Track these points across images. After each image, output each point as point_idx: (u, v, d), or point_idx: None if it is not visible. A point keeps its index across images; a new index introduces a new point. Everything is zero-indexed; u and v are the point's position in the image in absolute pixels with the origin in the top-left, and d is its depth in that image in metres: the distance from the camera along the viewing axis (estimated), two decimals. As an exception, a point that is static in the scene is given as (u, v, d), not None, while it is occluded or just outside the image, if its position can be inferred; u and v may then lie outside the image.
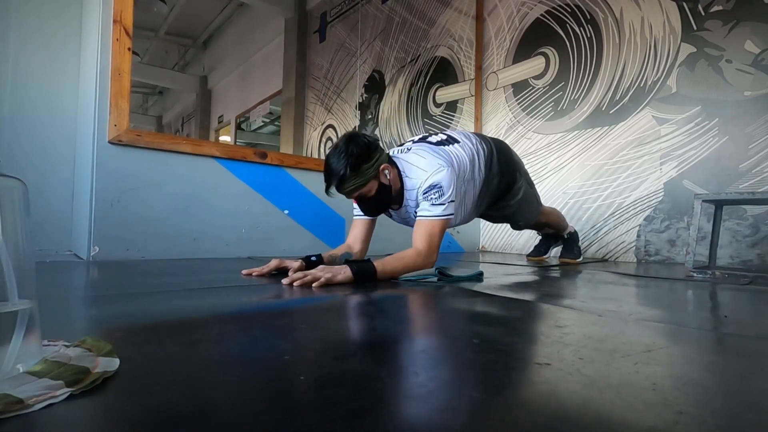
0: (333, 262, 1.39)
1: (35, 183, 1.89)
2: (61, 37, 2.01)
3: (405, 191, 1.41)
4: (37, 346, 0.42)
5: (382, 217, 1.55)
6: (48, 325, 0.54)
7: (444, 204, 1.32)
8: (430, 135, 1.58)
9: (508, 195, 1.73)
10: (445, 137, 1.55)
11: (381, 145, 1.37)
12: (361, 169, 1.27)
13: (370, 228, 1.55)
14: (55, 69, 1.99)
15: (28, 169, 1.88)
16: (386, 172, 1.35)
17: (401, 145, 1.56)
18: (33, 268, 0.42)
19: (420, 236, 1.31)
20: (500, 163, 1.64)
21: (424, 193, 1.34)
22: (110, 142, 1.64)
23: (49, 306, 0.75)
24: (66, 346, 0.47)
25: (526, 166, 1.91)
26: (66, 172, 1.99)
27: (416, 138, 1.59)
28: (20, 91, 1.91)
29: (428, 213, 1.33)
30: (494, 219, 1.93)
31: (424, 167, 1.36)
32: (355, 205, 1.52)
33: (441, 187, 1.32)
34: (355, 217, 1.55)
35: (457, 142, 1.53)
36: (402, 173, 1.40)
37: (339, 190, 1.30)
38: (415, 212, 1.38)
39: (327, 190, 1.32)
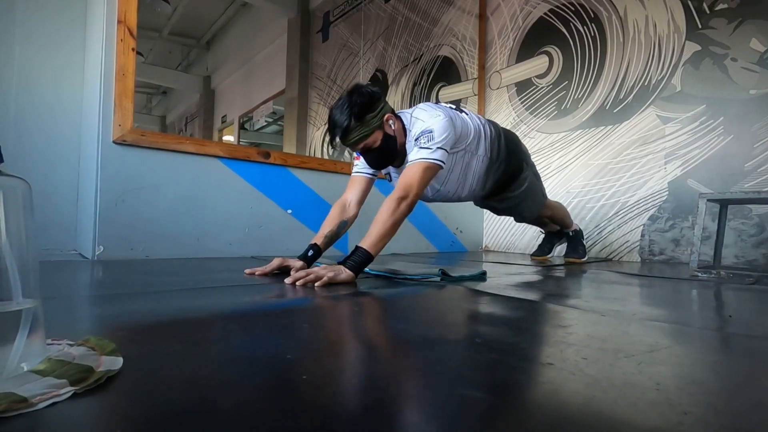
0: (332, 239, 1.38)
1: (40, 183, 1.89)
2: (65, 38, 2.02)
3: (407, 144, 1.39)
4: (40, 345, 0.42)
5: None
6: (52, 324, 0.55)
7: (431, 148, 1.28)
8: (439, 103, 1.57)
9: (514, 184, 1.72)
10: (454, 106, 1.54)
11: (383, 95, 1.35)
12: (366, 119, 1.26)
13: (368, 188, 1.52)
14: (60, 69, 2.00)
15: (32, 169, 1.89)
16: (390, 122, 1.33)
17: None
18: (37, 267, 0.42)
19: (400, 180, 1.26)
20: (507, 149, 1.63)
21: (415, 139, 1.31)
22: (115, 142, 1.65)
23: (53, 305, 0.76)
24: (70, 344, 0.47)
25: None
26: (70, 171, 2.00)
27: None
28: (25, 91, 1.91)
29: (414, 156, 1.29)
30: (498, 211, 1.92)
31: (423, 118, 1.34)
32: (356, 162, 1.50)
33: (432, 131, 1.29)
34: (354, 174, 1.52)
35: (466, 113, 1.53)
36: (405, 128, 1.39)
37: (343, 141, 1.28)
38: None
39: (331, 142, 1.29)
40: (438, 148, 1.29)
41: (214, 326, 0.66)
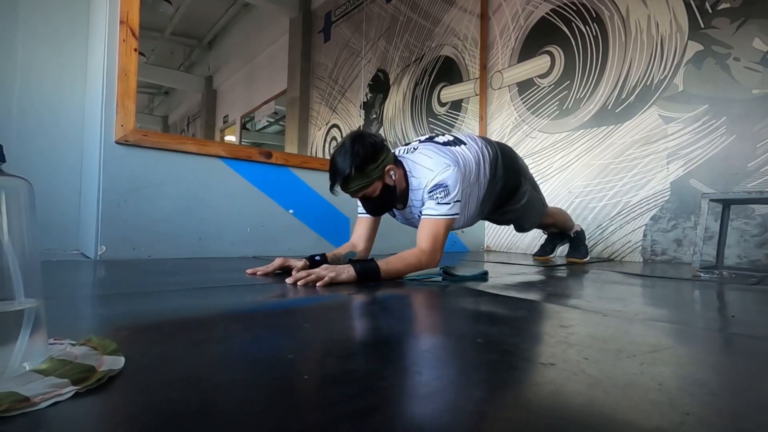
0: (337, 261, 1.39)
1: (42, 183, 1.90)
2: (68, 38, 2.02)
3: (410, 191, 1.41)
4: (43, 345, 0.42)
5: (386, 216, 1.55)
6: (54, 323, 0.55)
7: (449, 203, 1.32)
8: (437, 135, 1.58)
9: (513, 199, 1.73)
10: (451, 138, 1.54)
11: (387, 144, 1.37)
12: (367, 170, 1.27)
13: (375, 226, 1.55)
14: (62, 70, 2.01)
15: (35, 169, 1.90)
16: (392, 172, 1.34)
17: (407, 144, 1.56)
18: (39, 267, 0.42)
19: (424, 235, 1.31)
20: (505, 167, 1.63)
21: (429, 192, 1.34)
22: (117, 142, 1.65)
23: (56, 305, 0.76)
24: (72, 344, 0.47)
25: (531, 168, 1.90)
26: (73, 171, 2.01)
27: (423, 138, 1.59)
28: (28, 91, 1.92)
29: (433, 212, 1.33)
30: (500, 222, 1.93)
31: (430, 167, 1.36)
32: (360, 203, 1.52)
33: (447, 186, 1.32)
34: (359, 215, 1.55)
35: (464, 143, 1.53)
36: (408, 173, 1.40)
37: (343, 189, 1.30)
38: (420, 212, 1.38)
39: (332, 189, 1.31)
40: (455, 202, 1.33)
41: (215, 326, 0.66)
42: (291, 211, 2.14)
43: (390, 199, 1.38)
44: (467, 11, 3.42)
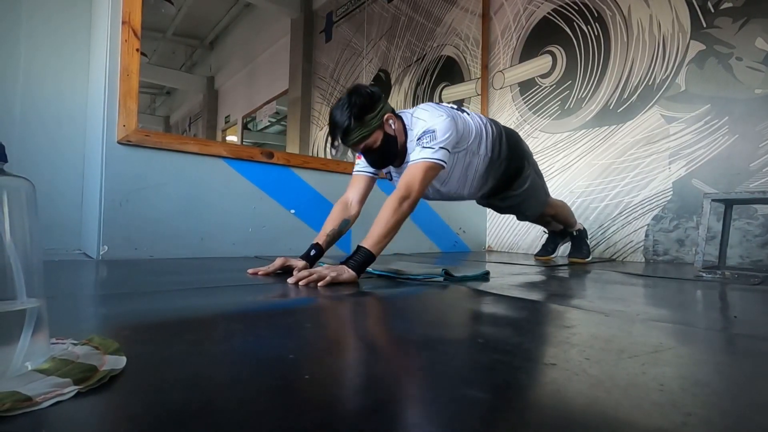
0: (334, 238, 1.38)
1: (45, 183, 1.91)
2: (70, 39, 2.03)
3: (408, 143, 1.39)
4: (45, 344, 0.42)
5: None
6: (56, 323, 0.55)
7: (433, 148, 1.28)
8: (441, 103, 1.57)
9: (516, 183, 1.71)
10: (455, 106, 1.54)
11: (383, 95, 1.35)
12: (366, 119, 1.26)
13: (370, 186, 1.53)
14: (65, 70, 2.01)
15: (37, 169, 1.90)
16: (390, 122, 1.34)
17: None
18: (41, 267, 0.42)
19: (402, 179, 1.27)
20: (509, 147, 1.62)
21: (417, 139, 1.32)
22: (119, 143, 1.66)
23: (58, 304, 0.76)
24: (74, 344, 0.48)
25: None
26: (75, 172, 2.01)
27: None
28: (30, 92, 1.93)
29: (416, 156, 1.30)
30: (501, 209, 1.92)
31: (425, 118, 1.35)
32: (357, 161, 1.51)
33: (434, 131, 1.30)
34: (355, 173, 1.52)
35: (467, 113, 1.53)
36: (407, 128, 1.39)
37: (344, 141, 1.29)
38: None
39: (332, 144, 1.30)
40: (440, 147, 1.30)
41: (217, 326, 0.66)
42: (292, 211, 2.15)
43: (392, 149, 1.37)
44: (469, 11, 3.41)
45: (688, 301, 1.08)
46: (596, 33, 2.57)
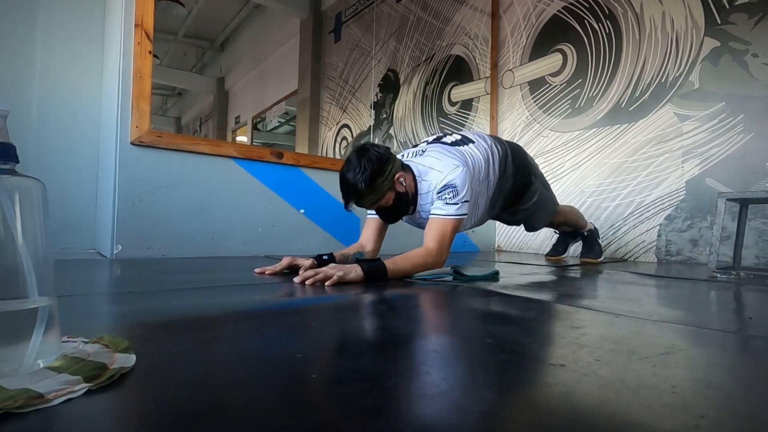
0: (345, 260, 1.39)
1: (61, 183, 1.94)
2: (84, 42, 2.06)
3: (419, 195, 1.41)
4: (56, 342, 0.43)
5: None
6: (68, 321, 0.56)
7: (458, 204, 1.32)
8: (445, 135, 1.57)
9: (524, 198, 1.71)
10: (459, 137, 1.54)
11: (393, 151, 1.37)
12: (376, 184, 1.28)
13: (383, 228, 1.55)
14: (79, 73, 2.05)
15: (54, 170, 1.93)
16: (401, 179, 1.35)
17: (415, 146, 1.56)
18: (52, 266, 0.43)
19: (432, 235, 1.30)
20: (515, 165, 1.62)
21: (438, 192, 1.33)
22: (132, 143, 1.68)
23: (71, 303, 0.77)
24: (84, 342, 0.48)
25: (542, 167, 1.88)
26: (90, 172, 2.04)
27: (430, 139, 1.58)
28: (47, 94, 1.96)
29: (441, 212, 1.32)
30: (510, 222, 1.91)
31: (439, 168, 1.36)
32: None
33: (456, 186, 1.31)
34: (368, 217, 1.56)
35: (472, 142, 1.52)
36: (417, 177, 1.40)
37: (358, 204, 1.32)
38: (428, 213, 1.38)
39: (346, 207, 1.33)
40: (464, 202, 1.33)
41: (225, 325, 0.67)
42: (302, 210, 2.16)
43: (404, 205, 1.39)
44: (478, 10, 3.40)
45: (701, 302, 1.06)
46: (607, 31, 2.54)
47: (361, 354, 0.53)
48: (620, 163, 2.45)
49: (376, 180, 1.27)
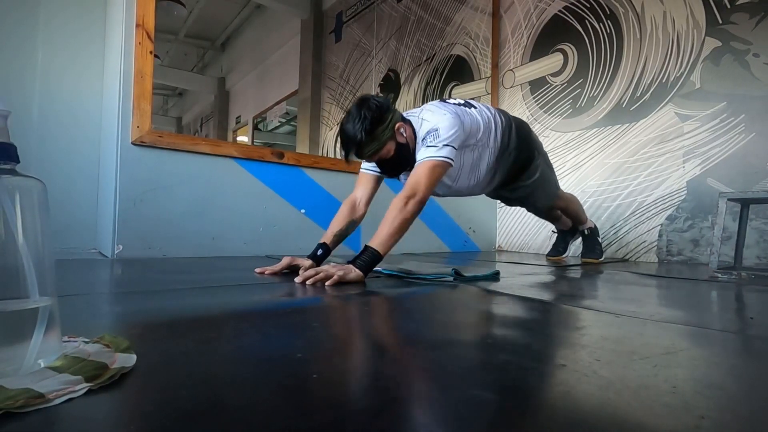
0: (341, 238, 1.38)
1: (62, 183, 1.94)
2: (85, 42, 2.06)
3: (417, 147, 1.38)
4: (57, 342, 0.43)
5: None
6: (69, 321, 0.56)
7: (437, 146, 1.27)
8: (448, 98, 1.56)
9: (525, 173, 1.69)
10: (463, 101, 1.52)
11: (392, 104, 1.35)
12: (377, 132, 1.26)
13: (377, 185, 1.52)
14: (81, 73, 2.05)
15: (55, 170, 1.94)
16: (402, 130, 1.33)
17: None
18: (53, 266, 0.43)
19: (408, 179, 1.27)
20: (519, 138, 1.61)
21: (422, 139, 1.31)
22: (133, 143, 1.68)
23: (72, 303, 0.77)
24: (85, 342, 0.48)
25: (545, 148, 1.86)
26: (91, 172, 2.05)
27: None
28: (47, 94, 1.96)
29: (421, 155, 1.29)
30: (510, 201, 1.90)
31: (429, 119, 1.34)
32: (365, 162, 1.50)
33: (437, 129, 1.29)
34: (362, 171, 1.51)
35: (475, 107, 1.51)
36: (415, 131, 1.39)
37: (358, 156, 1.29)
38: None
39: (346, 158, 1.29)
40: (444, 145, 1.28)
41: (226, 325, 0.67)
42: (303, 210, 2.16)
43: (405, 157, 1.36)
44: (479, 10, 3.40)
45: (702, 302, 1.06)
46: (608, 30, 2.54)
47: (361, 354, 0.53)
48: (621, 163, 2.44)
49: (376, 128, 1.25)
